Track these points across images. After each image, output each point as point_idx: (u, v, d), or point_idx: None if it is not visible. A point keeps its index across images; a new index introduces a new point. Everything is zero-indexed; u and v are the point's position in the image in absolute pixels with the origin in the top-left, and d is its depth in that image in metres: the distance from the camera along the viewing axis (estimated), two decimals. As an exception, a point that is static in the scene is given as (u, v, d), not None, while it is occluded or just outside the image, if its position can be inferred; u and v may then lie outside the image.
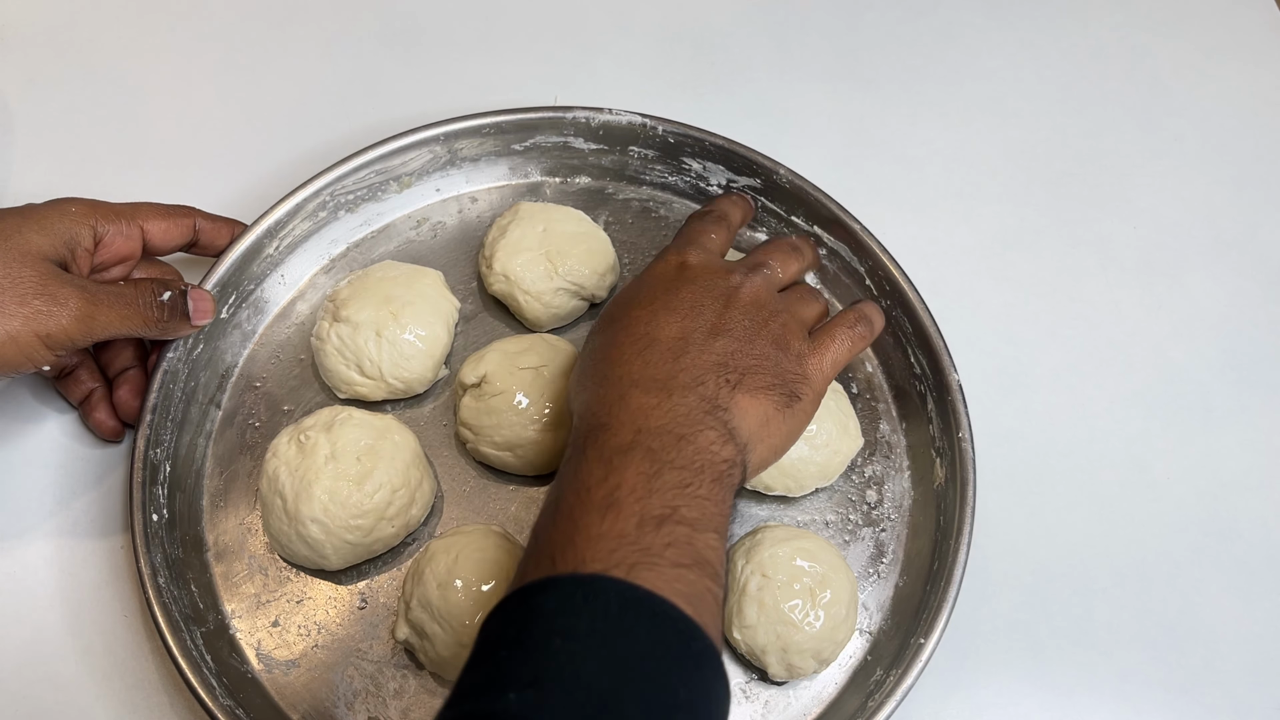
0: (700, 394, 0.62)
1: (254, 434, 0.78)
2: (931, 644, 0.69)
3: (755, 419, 0.63)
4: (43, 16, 0.97)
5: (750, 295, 0.68)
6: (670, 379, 0.62)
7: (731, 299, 0.67)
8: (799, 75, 0.99)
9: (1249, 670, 0.76)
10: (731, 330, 0.66)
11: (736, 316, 0.66)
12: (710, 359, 0.64)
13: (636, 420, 0.60)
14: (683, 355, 0.64)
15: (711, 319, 0.66)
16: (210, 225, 0.77)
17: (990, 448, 0.79)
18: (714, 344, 0.64)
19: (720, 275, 0.69)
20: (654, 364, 0.63)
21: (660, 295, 0.68)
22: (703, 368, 0.63)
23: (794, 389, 0.66)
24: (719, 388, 0.62)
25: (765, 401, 0.64)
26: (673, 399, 0.61)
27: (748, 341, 0.65)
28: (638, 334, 0.65)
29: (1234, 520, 0.81)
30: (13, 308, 0.63)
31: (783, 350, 0.67)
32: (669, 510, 0.56)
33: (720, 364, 0.63)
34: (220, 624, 0.71)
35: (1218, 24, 1.05)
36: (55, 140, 0.90)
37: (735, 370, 0.64)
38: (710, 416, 0.61)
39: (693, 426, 0.60)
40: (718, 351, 0.64)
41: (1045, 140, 0.97)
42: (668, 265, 0.71)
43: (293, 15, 0.99)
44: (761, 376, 0.64)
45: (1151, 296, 0.90)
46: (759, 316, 0.67)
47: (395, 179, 0.85)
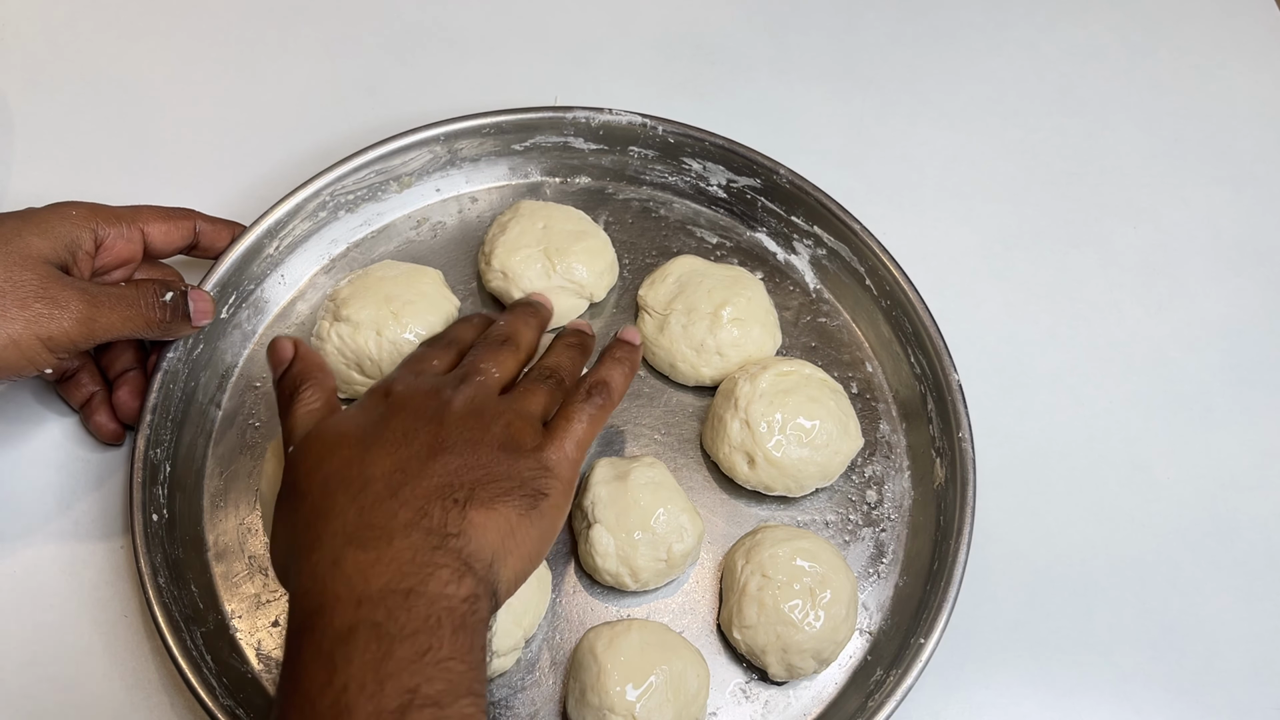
0: (425, 528, 0.55)
1: (254, 434, 0.78)
2: (931, 644, 0.69)
3: (496, 533, 0.57)
4: (43, 16, 0.96)
5: (463, 406, 0.62)
6: (390, 520, 0.55)
7: (443, 413, 0.61)
8: (799, 75, 0.99)
9: (1249, 670, 0.76)
10: (451, 446, 0.59)
11: (453, 431, 0.60)
12: (432, 483, 0.57)
13: (355, 588, 0.53)
14: (401, 488, 0.57)
15: (427, 441, 0.59)
16: (211, 227, 0.77)
17: (990, 448, 0.79)
18: (433, 466, 0.58)
19: (430, 395, 0.63)
20: (370, 508, 0.56)
21: (368, 430, 0.60)
22: (424, 496, 0.56)
23: (536, 487, 0.60)
24: (446, 512, 0.56)
25: (505, 510, 0.58)
26: (394, 545, 0.54)
27: (471, 451, 0.59)
28: (349, 477, 0.58)
29: (1234, 520, 0.81)
30: (14, 311, 0.63)
31: (513, 452, 0.60)
32: (408, 695, 0.50)
33: (444, 485, 0.57)
34: (220, 624, 0.71)
35: (1218, 24, 1.05)
36: (55, 140, 0.90)
37: (462, 487, 0.57)
38: (439, 552, 0.55)
39: (420, 572, 0.53)
40: (438, 473, 0.58)
41: (1045, 140, 0.97)
42: (372, 399, 0.64)
43: (293, 15, 0.99)
44: (494, 485, 0.58)
45: (1151, 296, 0.90)
46: (479, 424, 0.61)
47: (395, 179, 0.85)
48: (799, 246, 0.86)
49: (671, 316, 0.80)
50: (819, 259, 0.85)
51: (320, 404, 0.64)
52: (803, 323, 0.84)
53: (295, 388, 0.64)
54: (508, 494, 0.58)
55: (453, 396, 0.62)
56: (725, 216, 0.88)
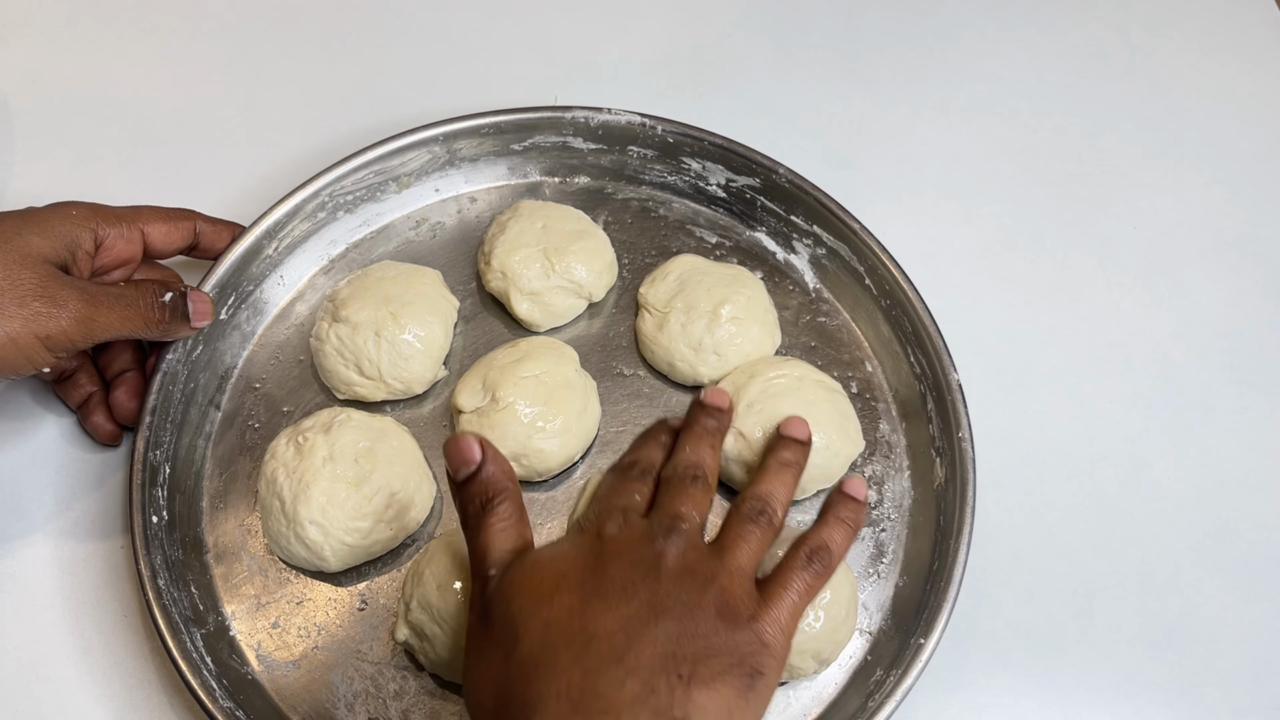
0: (653, 707, 0.52)
1: (253, 435, 0.78)
2: (931, 644, 0.69)
3: (713, 713, 0.54)
4: (43, 16, 0.97)
5: (676, 562, 0.59)
6: (616, 691, 0.52)
7: (660, 571, 0.58)
8: (799, 75, 0.99)
9: (1249, 670, 0.76)
10: (671, 609, 0.56)
11: (672, 590, 0.57)
12: (656, 651, 0.54)
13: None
14: (626, 654, 0.54)
15: (647, 598, 0.56)
16: (211, 228, 0.77)
17: (990, 448, 0.79)
18: (655, 631, 0.55)
19: (644, 543, 0.60)
20: (595, 671, 0.53)
21: (588, 576, 0.58)
22: (650, 666, 0.53)
23: (754, 665, 0.56)
24: (671, 690, 0.53)
25: (725, 690, 0.55)
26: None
27: (690, 620, 0.56)
28: (571, 630, 0.55)
29: (1234, 520, 0.81)
30: (12, 309, 0.63)
31: (730, 621, 0.57)
32: None
33: (667, 655, 0.54)
34: (220, 625, 0.71)
35: (1218, 24, 1.05)
36: (55, 140, 0.90)
37: (686, 659, 0.54)
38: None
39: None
40: (661, 639, 0.55)
41: (1045, 140, 0.97)
42: (584, 539, 0.61)
43: (293, 15, 0.99)
44: (715, 661, 0.55)
45: (1151, 296, 0.90)
46: (694, 585, 0.58)
47: (394, 179, 0.85)
48: (798, 246, 0.86)
49: (671, 315, 0.80)
50: (818, 258, 0.85)
51: (514, 522, 0.61)
52: (802, 322, 0.84)
53: (488, 499, 0.61)
54: (727, 671, 0.55)
55: (665, 548, 0.59)
56: (724, 216, 0.88)
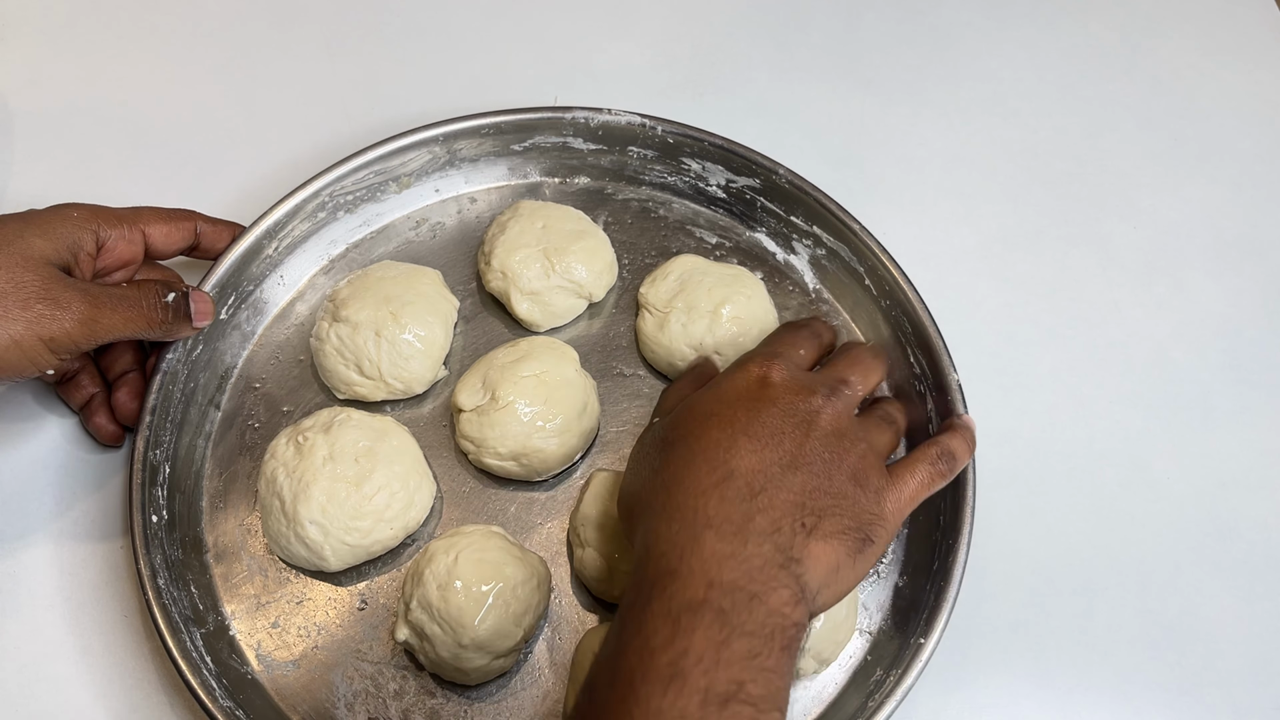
0: (776, 543, 0.58)
1: (253, 435, 0.78)
2: (931, 644, 0.69)
3: (826, 567, 0.59)
4: (43, 16, 0.97)
5: (831, 422, 0.64)
6: (747, 522, 0.58)
7: (812, 426, 0.63)
8: (799, 75, 0.99)
9: (1249, 670, 0.76)
10: (811, 464, 0.61)
11: (816, 448, 0.62)
12: (788, 498, 0.60)
13: (709, 571, 0.56)
14: (760, 493, 0.59)
15: (791, 449, 0.62)
16: (211, 228, 0.77)
17: (990, 448, 0.79)
18: (792, 480, 0.60)
19: (803, 396, 0.65)
20: (730, 501, 0.59)
21: (740, 416, 0.63)
22: (780, 509, 0.59)
23: (869, 531, 0.61)
24: (794, 533, 0.58)
25: (839, 547, 0.60)
26: (748, 548, 0.57)
27: (826, 477, 0.61)
28: (715, 461, 0.61)
29: (1234, 520, 0.81)
30: (16, 312, 0.63)
31: (861, 487, 0.62)
32: (735, 686, 0.53)
33: (798, 504, 0.59)
34: (220, 625, 0.71)
35: (1218, 24, 1.05)
36: (55, 140, 0.90)
37: (812, 512, 0.60)
38: (784, 571, 0.57)
39: (767, 583, 0.56)
40: (796, 489, 0.60)
41: (1045, 140, 0.97)
42: (749, 378, 0.66)
43: (293, 15, 0.99)
44: (838, 519, 0.60)
45: (1151, 296, 0.90)
46: (839, 447, 0.63)
47: (394, 179, 0.85)
48: (798, 246, 0.86)
49: (671, 315, 0.80)
50: (818, 259, 0.85)
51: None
52: (802, 323, 0.84)
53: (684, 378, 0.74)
54: (845, 531, 0.60)
55: (823, 406, 0.64)
56: (724, 216, 0.88)
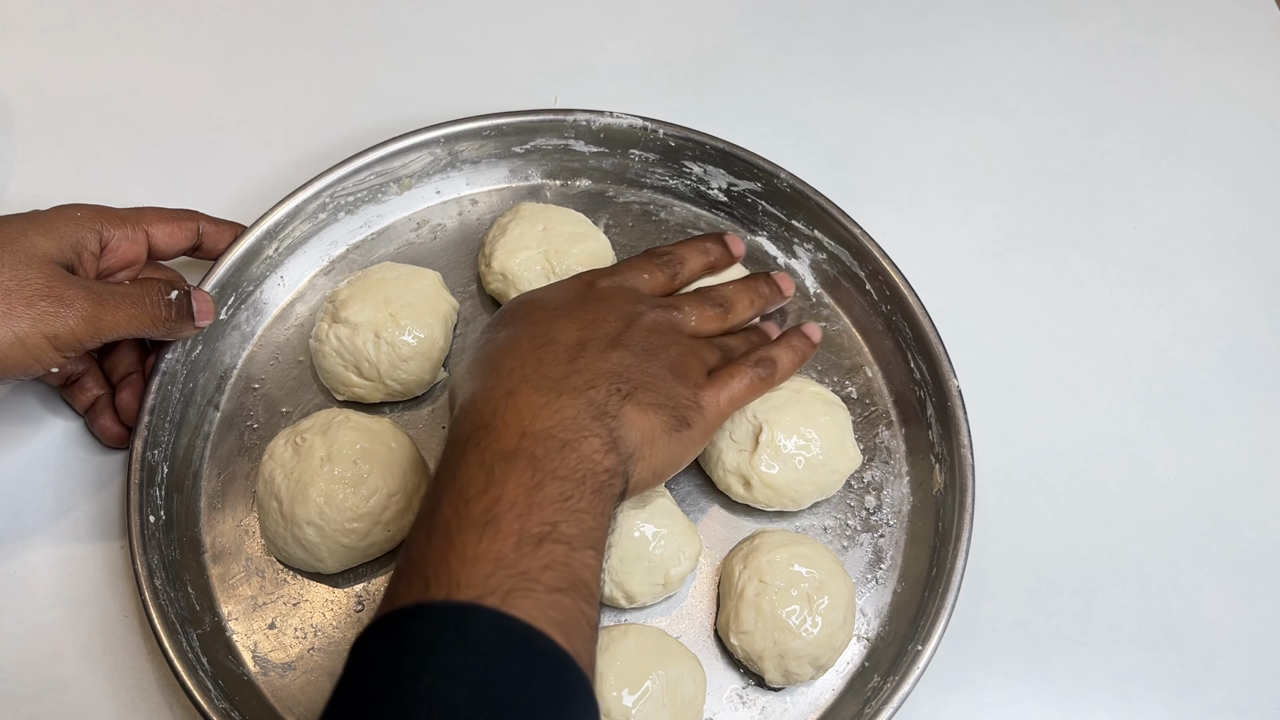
0: (590, 399, 0.62)
1: (252, 436, 0.78)
2: (929, 651, 0.69)
3: (640, 433, 0.63)
4: (43, 16, 0.97)
5: (653, 321, 0.69)
6: (562, 379, 0.62)
7: (634, 320, 0.68)
8: (799, 75, 0.99)
9: (1249, 670, 0.76)
10: (630, 345, 0.66)
11: (637, 335, 0.67)
12: (605, 366, 0.64)
13: (523, 421, 0.60)
14: (578, 358, 0.64)
15: (611, 332, 0.66)
16: (214, 228, 0.77)
17: (990, 449, 0.79)
18: (611, 354, 0.65)
19: (628, 300, 0.70)
20: (548, 362, 0.63)
21: (565, 304, 0.68)
22: (596, 373, 0.63)
23: (684, 415, 0.66)
24: (609, 395, 0.62)
25: (654, 418, 0.64)
26: (561, 400, 0.61)
27: (645, 359, 0.66)
28: (537, 333, 0.66)
29: (1234, 520, 0.81)
30: (20, 309, 0.63)
31: (679, 377, 0.67)
32: (548, 527, 0.55)
33: (614, 373, 0.64)
34: (217, 626, 0.71)
35: (1218, 24, 1.05)
36: (55, 140, 0.90)
37: (628, 382, 0.64)
38: (597, 423, 0.61)
39: (578, 432, 0.60)
40: (613, 362, 0.64)
41: (1045, 140, 0.97)
42: (579, 281, 0.72)
43: (293, 15, 0.99)
44: (653, 393, 0.64)
45: (1151, 296, 0.90)
46: (659, 341, 0.68)
47: (395, 181, 0.85)
48: (799, 250, 0.86)
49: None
50: (819, 263, 0.85)
51: None
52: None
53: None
54: (660, 406, 0.64)
55: (646, 310, 0.69)
56: (726, 220, 0.88)
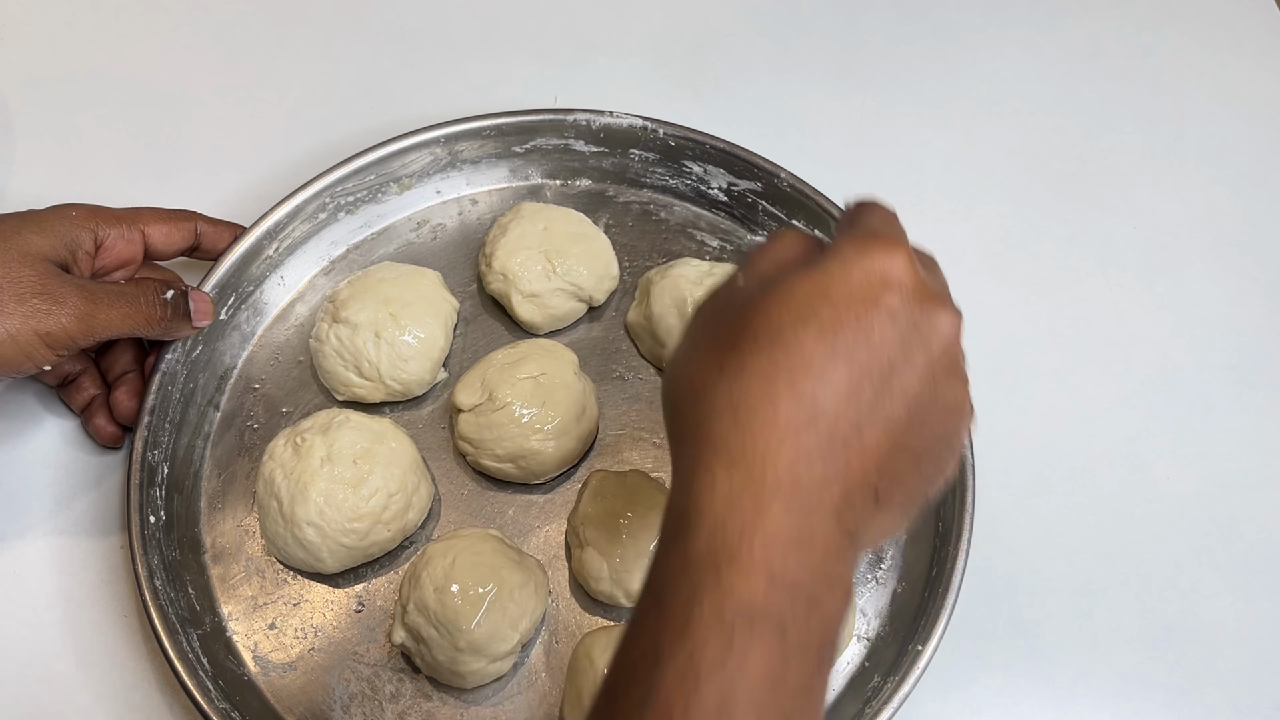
0: (842, 521, 0.46)
1: (252, 436, 0.78)
2: (929, 651, 0.69)
3: (874, 540, 0.49)
4: (43, 16, 0.97)
5: (947, 352, 0.49)
6: (821, 490, 0.45)
7: (929, 353, 0.48)
8: (799, 75, 0.99)
9: (1249, 670, 0.76)
10: (909, 407, 0.48)
11: (924, 385, 0.48)
12: (870, 457, 0.47)
13: (772, 559, 0.44)
14: (844, 448, 0.46)
15: (895, 383, 0.47)
16: (212, 229, 0.77)
17: (990, 448, 0.79)
18: (881, 427, 0.47)
19: (927, 309, 0.48)
20: (807, 456, 0.45)
21: (846, 327, 0.47)
22: (858, 472, 0.46)
23: (933, 490, 0.51)
24: (864, 505, 0.47)
25: (897, 519, 0.49)
26: (815, 530, 0.45)
27: (918, 428, 0.48)
28: (802, 392, 0.46)
29: (1234, 520, 0.81)
30: (12, 306, 0.63)
31: (948, 449, 0.51)
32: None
33: (878, 465, 0.47)
34: (217, 626, 0.71)
35: (1218, 24, 1.05)
36: (55, 140, 0.90)
37: (889, 474, 0.47)
38: (841, 560, 0.46)
39: (828, 581, 0.45)
40: (881, 441, 0.47)
41: (1045, 140, 0.97)
42: (870, 272, 0.48)
43: (293, 15, 0.99)
44: (910, 483, 0.49)
45: (1151, 296, 0.90)
46: (947, 391, 0.49)
47: (395, 181, 0.85)
48: (799, 248, 0.85)
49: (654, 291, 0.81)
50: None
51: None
52: (802, 325, 0.84)
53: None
54: (909, 501, 0.50)
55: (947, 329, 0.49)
56: (726, 220, 0.88)
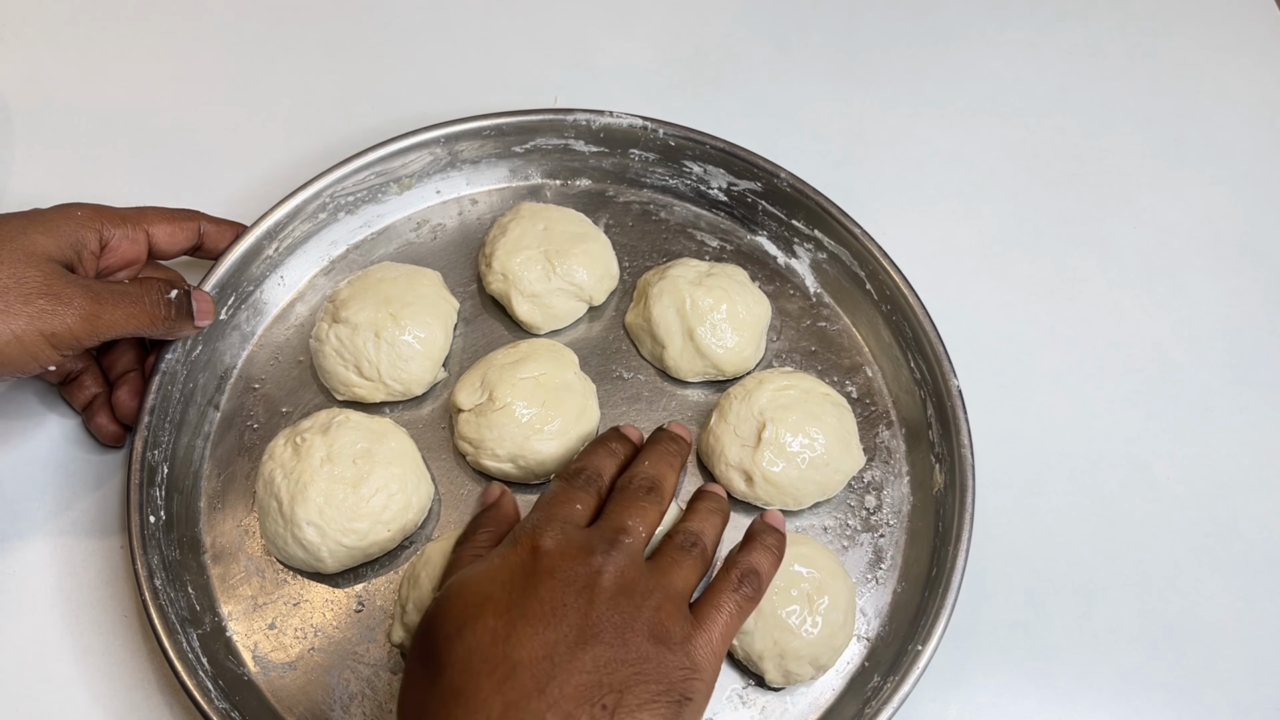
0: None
1: (252, 436, 0.78)
2: (929, 650, 0.69)
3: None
4: (43, 16, 0.97)
5: (614, 581, 0.58)
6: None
7: (595, 590, 0.57)
8: (799, 75, 0.99)
9: (1249, 670, 0.76)
10: (600, 633, 0.56)
11: (604, 614, 0.56)
12: (581, 681, 0.54)
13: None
14: (548, 684, 0.53)
15: (576, 622, 0.56)
16: (215, 228, 0.77)
17: (990, 449, 0.79)
18: (583, 658, 0.55)
19: (580, 559, 0.59)
20: (516, 705, 0.53)
21: (516, 597, 0.57)
22: (573, 697, 0.53)
23: (683, 690, 0.56)
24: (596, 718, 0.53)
25: (652, 716, 0.54)
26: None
27: (621, 644, 0.56)
28: (493, 657, 0.54)
29: (1234, 520, 0.81)
30: (17, 306, 0.63)
31: (662, 644, 0.57)
32: None
33: (592, 685, 0.54)
34: (217, 626, 0.71)
35: (1218, 24, 1.05)
36: (55, 141, 0.90)
37: (611, 690, 0.54)
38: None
39: None
40: (588, 667, 0.54)
41: (1045, 140, 0.97)
42: (516, 555, 0.60)
43: (293, 15, 0.99)
44: (643, 688, 0.55)
45: (1151, 296, 0.90)
46: (630, 606, 0.57)
47: (395, 180, 0.85)
48: (800, 250, 0.86)
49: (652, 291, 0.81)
50: (819, 263, 0.85)
51: (485, 550, 0.64)
52: (803, 327, 0.84)
53: (475, 528, 0.67)
54: (655, 699, 0.55)
55: (603, 565, 0.59)
56: (726, 220, 0.88)
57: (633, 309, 0.82)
